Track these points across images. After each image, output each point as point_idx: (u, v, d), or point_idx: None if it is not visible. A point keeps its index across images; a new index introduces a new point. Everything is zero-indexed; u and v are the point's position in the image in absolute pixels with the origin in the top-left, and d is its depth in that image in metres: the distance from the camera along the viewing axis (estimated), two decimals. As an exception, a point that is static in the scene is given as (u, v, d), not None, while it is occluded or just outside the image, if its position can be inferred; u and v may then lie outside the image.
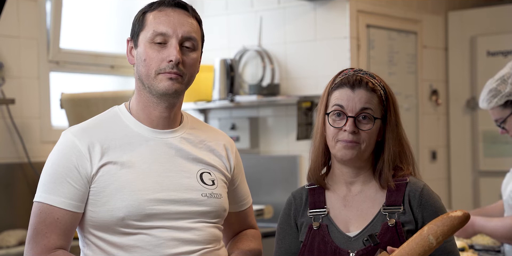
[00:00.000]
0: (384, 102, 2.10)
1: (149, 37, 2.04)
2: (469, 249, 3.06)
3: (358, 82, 2.07)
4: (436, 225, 1.88)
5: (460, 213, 1.88)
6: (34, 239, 2.01)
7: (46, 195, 2.02)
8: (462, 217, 1.88)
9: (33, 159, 4.11)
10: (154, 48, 2.04)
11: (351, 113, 2.05)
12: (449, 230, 1.87)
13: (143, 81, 2.07)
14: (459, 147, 5.57)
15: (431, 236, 1.87)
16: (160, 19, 2.05)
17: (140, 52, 2.06)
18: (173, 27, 2.04)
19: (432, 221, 1.89)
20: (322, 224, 2.09)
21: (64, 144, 2.06)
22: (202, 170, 2.12)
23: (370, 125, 2.06)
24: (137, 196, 2.01)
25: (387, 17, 5.02)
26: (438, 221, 1.88)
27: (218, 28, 5.04)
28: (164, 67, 2.04)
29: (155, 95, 2.07)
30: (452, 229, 1.88)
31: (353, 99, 2.06)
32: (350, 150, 2.05)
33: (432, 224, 1.88)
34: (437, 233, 1.87)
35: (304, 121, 4.65)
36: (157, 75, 2.04)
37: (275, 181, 4.85)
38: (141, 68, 2.06)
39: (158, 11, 2.07)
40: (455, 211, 1.89)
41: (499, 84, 3.04)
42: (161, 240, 2.02)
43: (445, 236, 1.87)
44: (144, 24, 2.06)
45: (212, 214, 2.10)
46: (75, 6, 4.56)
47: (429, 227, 1.88)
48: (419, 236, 1.88)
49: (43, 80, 4.29)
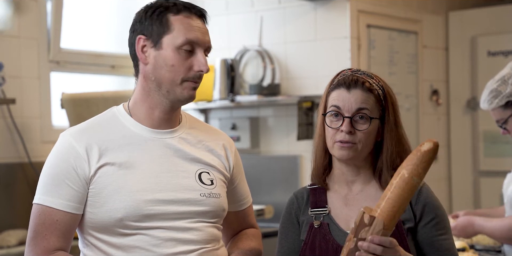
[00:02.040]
0: (382, 102, 2.10)
1: (179, 43, 2.03)
2: (469, 249, 3.06)
3: (354, 82, 2.08)
4: (414, 164, 1.86)
5: (430, 144, 1.87)
6: (34, 241, 2.02)
7: (45, 197, 2.02)
8: (435, 147, 1.87)
9: (33, 159, 4.11)
10: (182, 54, 2.04)
11: (347, 114, 2.06)
12: (428, 164, 1.87)
13: (162, 85, 2.06)
14: (460, 147, 5.57)
15: (415, 177, 1.86)
16: (190, 27, 2.05)
17: (165, 56, 2.04)
18: (201, 37, 2.06)
19: (406, 162, 1.87)
20: (323, 222, 2.10)
21: (62, 145, 2.06)
22: (200, 170, 2.12)
23: (366, 125, 2.07)
24: (135, 197, 2.02)
25: (387, 17, 5.02)
26: (414, 160, 1.86)
27: (219, 28, 5.04)
28: (192, 75, 2.06)
29: (171, 100, 2.07)
30: (430, 162, 1.87)
31: (349, 99, 2.07)
32: (347, 150, 2.06)
33: (410, 165, 1.86)
34: (419, 172, 1.86)
35: (304, 121, 4.65)
36: (183, 82, 2.05)
37: (275, 181, 4.85)
38: (164, 72, 2.05)
39: (185, 17, 2.06)
40: (423, 145, 1.88)
41: (500, 85, 3.04)
42: (159, 240, 2.02)
43: (426, 171, 1.86)
44: (170, 28, 2.04)
45: (211, 214, 2.10)
46: (75, 6, 4.56)
47: (409, 169, 1.86)
48: (402, 181, 1.85)
49: (44, 80, 4.29)
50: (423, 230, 2.07)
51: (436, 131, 5.52)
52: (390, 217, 1.84)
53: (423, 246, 2.06)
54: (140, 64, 2.09)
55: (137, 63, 2.11)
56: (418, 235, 2.07)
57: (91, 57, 4.61)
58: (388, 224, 1.84)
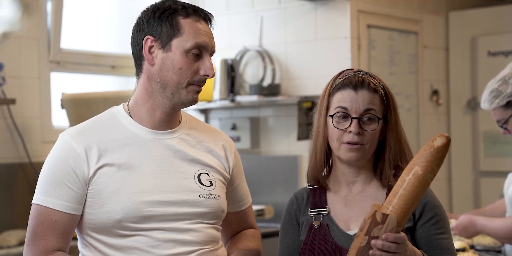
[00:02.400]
0: (385, 102, 2.10)
1: (188, 47, 2.04)
2: (469, 249, 3.06)
3: (360, 83, 2.07)
4: (429, 161, 1.84)
5: (443, 139, 1.86)
6: (33, 242, 2.02)
7: (44, 198, 2.02)
8: (447, 142, 1.86)
9: (33, 159, 4.11)
10: (190, 58, 2.05)
11: (355, 115, 2.06)
12: (442, 160, 1.85)
13: (168, 87, 2.06)
14: (460, 147, 5.57)
15: (429, 174, 1.84)
16: (199, 31, 2.06)
17: (174, 59, 2.04)
18: (209, 41, 2.07)
19: (419, 159, 1.85)
20: (322, 223, 2.10)
21: (61, 146, 2.06)
22: (199, 171, 2.12)
23: (374, 125, 2.07)
24: (134, 198, 2.02)
25: (387, 17, 5.02)
26: (429, 156, 1.84)
27: (219, 28, 4.98)
28: (198, 79, 2.06)
29: (174, 102, 2.07)
30: (443, 158, 1.85)
31: (356, 100, 2.07)
32: (355, 152, 2.06)
33: (424, 162, 1.84)
34: (433, 168, 1.85)
35: (304, 121, 4.65)
36: (188, 86, 2.05)
37: (275, 181, 4.85)
38: (171, 75, 2.05)
39: (194, 20, 2.06)
40: (434, 140, 1.86)
41: (501, 85, 3.04)
42: (157, 241, 2.02)
43: (439, 167, 1.85)
44: (180, 31, 2.04)
45: (210, 215, 2.10)
46: (76, 6, 4.56)
47: (423, 166, 1.84)
48: (416, 178, 1.83)
49: (44, 80, 4.29)
50: (422, 229, 2.07)
51: (436, 131, 5.51)
52: (403, 214, 1.83)
53: (421, 245, 2.06)
54: (145, 64, 2.08)
55: (140, 63, 2.10)
56: (417, 233, 2.07)
57: (91, 57, 4.61)
58: (401, 221, 1.83)
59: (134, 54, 2.12)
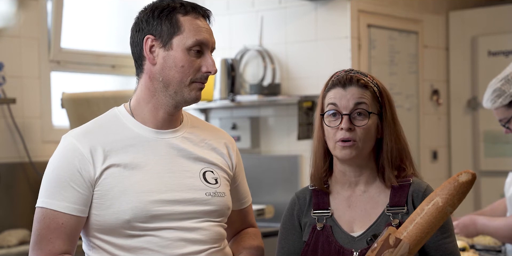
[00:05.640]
0: (379, 98, 2.10)
1: (190, 44, 2.03)
2: (470, 249, 3.06)
3: (348, 80, 2.09)
4: (451, 195, 1.84)
5: (469, 176, 1.85)
6: (39, 245, 2.00)
7: (49, 200, 2.00)
8: (473, 179, 1.85)
9: (34, 159, 4.11)
10: (191, 55, 2.04)
11: (345, 111, 2.06)
12: (464, 195, 1.85)
13: (170, 85, 2.05)
14: (460, 147, 5.57)
15: (449, 208, 1.84)
16: (199, 28, 2.05)
17: (175, 57, 2.04)
18: (209, 38, 2.07)
19: (442, 191, 1.85)
20: (326, 225, 2.10)
21: (65, 148, 2.04)
22: (204, 169, 2.12)
23: (365, 121, 2.07)
24: (142, 197, 2.01)
25: (388, 17, 5.02)
26: (452, 190, 1.84)
27: (219, 28, 5.03)
28: (200, 76, 2.05)
29: (177, 100, 2.06)
30: (466, 193, 1.85)
31: (345, 96, 2.07)
32: (349, 149, 2.06)
33: (446, 195, 1.84)
34: (454, 202, 1.84)
35: (305, 121, 4.65)
36: (191, 83, 2.05)
37: (276, 181, 4.85)
38: (173, 73, 2.04)
39: (193, 18, 2.06)
40: (460, 174, 1.86)
41: (503, 84, 3.04)
42: (168, 241, 2.01)
43: (460, 202, 1.85)
44: (180, 29, 2.04)
45: (217, 213, 2.10)
46: (76, 6, 4.56)
47: (444, 198, 1.84)
48: (435, 209, 1.84)
49: (44, 80, 4.29)
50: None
51: (437, 131, 5.52)
52: (416, 242, 1.83)
53: (429, 250, 2.05)
54: (146, 64, 2.07)
55: (141, 63, 2.09)
56: None
57: (91, 57, 4.61)
58: (413, 249, 1.84)
59: (134, 54, 2.11)
